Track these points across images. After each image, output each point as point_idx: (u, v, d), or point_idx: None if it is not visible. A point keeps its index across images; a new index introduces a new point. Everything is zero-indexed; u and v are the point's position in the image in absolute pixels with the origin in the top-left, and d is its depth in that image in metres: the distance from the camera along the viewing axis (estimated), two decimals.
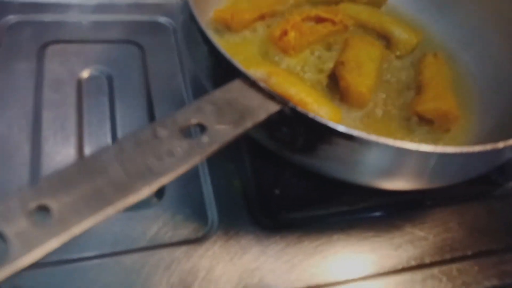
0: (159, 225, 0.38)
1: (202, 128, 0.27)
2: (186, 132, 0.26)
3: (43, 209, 0.19)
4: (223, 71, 0.34)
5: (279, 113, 0.31)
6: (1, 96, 0.44)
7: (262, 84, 0.31)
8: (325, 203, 0.41)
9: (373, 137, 0.30)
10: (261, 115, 0.29)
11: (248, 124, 0.28)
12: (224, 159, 0.43)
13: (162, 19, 0.57)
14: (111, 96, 0.47)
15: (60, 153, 0.41)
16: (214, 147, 0.25)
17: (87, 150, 0.42)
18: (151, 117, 0.46)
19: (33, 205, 0.18)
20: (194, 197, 0.40)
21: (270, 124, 0.31)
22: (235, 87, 0.31)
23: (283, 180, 0.41)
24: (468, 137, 0.46)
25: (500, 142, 0.32)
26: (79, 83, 0.47)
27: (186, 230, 0.38)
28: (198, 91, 0.49)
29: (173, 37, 0.55)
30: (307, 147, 0.33)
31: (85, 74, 0.48)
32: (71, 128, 0.43)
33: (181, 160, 0.23)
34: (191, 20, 0.36)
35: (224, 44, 0.47)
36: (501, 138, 0.33)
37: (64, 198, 0.19)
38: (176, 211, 0.39)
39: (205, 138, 0.25)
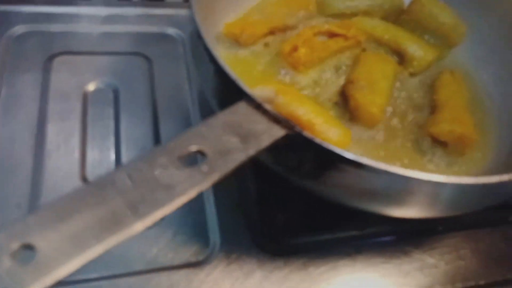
0: (159, 246, 0.37)
1: (202, 155, 0.25)
2: (187, 159, 0.25)
3: (28, 248, 0.18)
4: (228, 91, 0.33)
5: (285, 137, 0.30)
6: (6, 107, 0.44)
7: (267, 107, 0.30)
8: (331, 227, 0.40)
9: (382, 166, 0.29)
10: (265, 141, 0.28)
11: (251, 151, 0.27)
12: (228, 180, 0.41)
13: (171, 31, 0.56)
14: (116, 110, 0.46)
15: (62, 169, 0.40)
16: (214, 177, 0.24)
17: (90, 166, 0.41)
18: (156, 131, 0.46)
19: (16, 244, 0.17)
20: (196, 218, 0.39)
21: (275, 148, 0.30)
22: (240, 110, 0.30)
23: (288, 203, 0.40)
24: (485, 161, 0.44)
25: None
26: (85, 95, 0.47)
27: (187, 253, 0.37)
28: (205, 105, 0.48)
29: (181, 48, 0.55)
30: (314, 172, 0.32)
31: (91, 86, 0.48)
32: (75, 143, 0.43)
33: (178, 193, 0.22)
34: (198, 37, 0.35)
35: (232, 58, 0.46)
36: None
37: (51, 236, 0.18)
38: (177, 231, 0.38)
39: (204, 167, 0.24)
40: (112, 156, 0.42)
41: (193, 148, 0.25)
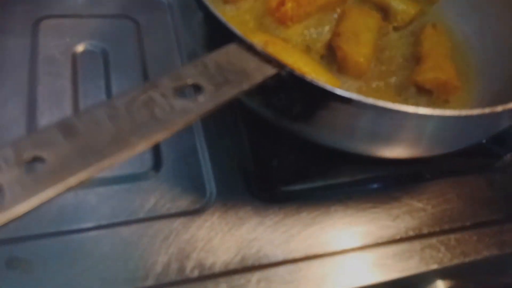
0: (157, 197, 0.38)
1: (197, 88, 0.26)
2: (181, 94, 0.26)
3: (38, 160, 0.18)
4: (219, 36, 0.33)
5: (276, 77, 0.30)
6: None
7: (259, 48, 0.31)
8: (323, 175, 0.41)
9: (371, 100, 0.30)
10: (258, 78, 0.29)
11: (245, 86, 0.28)
12: (221, 132, 0.42)
13: None
14: (107, 71, 0.46)
15: None
16: (210, 106, 0.25)
17: None
18: None
19: (28, 155, 0.18)
20: (192, 170, 0.40)
21: (266, 89, 0.30)
22: (231, 51, 0.30)
23: (281, 153, 0.41)
24: (467, 108, 0.46)
25: (499, 106, 0.32)
26: (74, 57, 0.47)
27: (184, 202, 0.38)
28: None
29: (169, 13, 0.55)
30: (305, 113, 0.33)
31: (79, 48, 0.48)
32: (67, 102, 0.43)
33: (177, 116, 0.23)
34: None
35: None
36: None
37: (59, 151, 0.19)
38: (174, 183, 0.39)
39: (201, 98, 0.25)
40: None
41: (189, 81, 0.26)
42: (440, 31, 0.49)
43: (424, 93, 0.44)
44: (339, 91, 0.30)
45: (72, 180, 0.18)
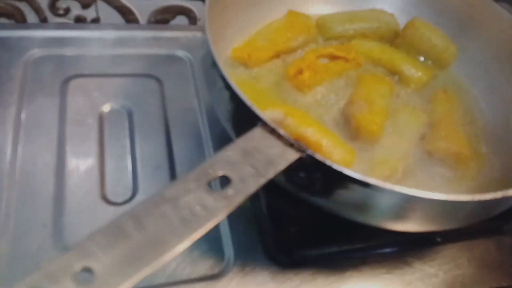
0: (177, 261, 0.39)
1: (226, 180, 0.28)
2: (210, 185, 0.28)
3: (87, 271, 0.20)
4: (243, 115, 0.35)
5: (298, 159, 0.32)
6: (27, 130, 0.46)
7: (281, 132, 0.33)
8: (338, 240, 0.42)
9: (387, 185, 0.32)
10: (282, 164, 0.31)
11: (270, 174, 0.30)
12: None
13: (180, 53, 0.58)
14: (131, 130, 0.49)
15: (82, 188, 0.42)
16: (239, 199, 0.27)
17: (109, 185, 0.43)
18: (169, 149, 0.48)
19: (78, 267, 0.20)
20: (210, 233, 0.41)
21: (288, 169, 0.32)
22: (256, 135, 0.32)
23: (298, 218, 0.42)
24: (478, 175, 0.47)
25: (511, 190, 0.33)
26: (101, 117, 0.49)
27: (203, 266, 0.40)
28: (214, 124, 0.51)
29: (189, 69, 0.57)
30: (324, 191, 0.34)
31: (106, 108, 0.50)
32: (94, 163, 0.45)
33: (210, 214, 0.24)
34: (213, 65, 0.38)
35: (238, 78, 0.49)
36: None
37: (105, 259, 0.20)
38: (193, 246, 0.40)
39: (230, 191, 0.27)
40: (129, 175, 0.45)
41: (220, 173, 0.27)
42: (451, 96, 0.51)
43: (438, 160, 0.45)
44: (357, 176, 0.32)
45: None
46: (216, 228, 0.42)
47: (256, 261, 0.41)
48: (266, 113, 0.42)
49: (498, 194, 0.33)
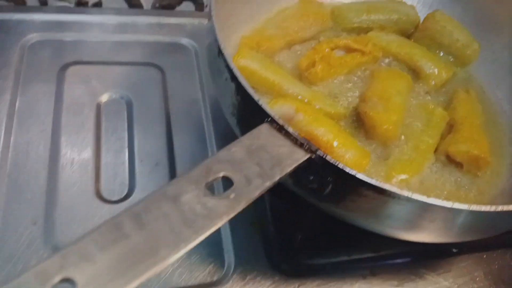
0: (174, 266, 0.37)
1: (228, 181, 0.25)
2: (211, 186, 0.25)
3: (67, 282, 0.17)
4: (249, 111, 0.33)
5: (307, 160, 0.29)
6: (21, 119, 0.44)
7: (290, 129, 0.30)
8: (347, 248, 0.40)
9: (405, 192, 0.29)
10: (289, 166, 0.28)
11: (276, 176, 0.27)
12: None
13: (184, 41, 0.55)
14: (130, 122, 0.46)
15: (76, 184, 0.40)
16: (241, 205, 0.24)
17: (104, 182, 0.41)
18: (170, 144, 0.45)
19: (57, 278, 0.17)
20: (210, 238, 0.38)
21: (296, 171, 0.29)
22: (262, 132, 0.29)
23: (305, 223, 0.39)
24: (499, 181, 0.44)
25: None
26: (98, 107, 0.46)
27: (201, 273, 0.37)
28: (218, 117, 0.48)
29: (194, 59, 0.54)
30: (334, 196, 0.32)
31: (104, 98, 0.47)
32: (89, 157, 0.42)
33: (208, 222, 0.22)
34: (219, 54, 0.35)
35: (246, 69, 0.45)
36: None
37: (88, 269, 0.18)
38: (192, 251, 0.37)
39: (231, 195, 0.24)
40: (126, 171, 0.42)
41: (220, 174, 0.25)
42: (473, 97, 0.47)
43: (454, 165, 0.42)
44: (373, 181, 0.29)
45: None
46: (217, 232, 0.39)
47: (259, 269, 0.38)
48: (275, 108, 0.39)
49: None
